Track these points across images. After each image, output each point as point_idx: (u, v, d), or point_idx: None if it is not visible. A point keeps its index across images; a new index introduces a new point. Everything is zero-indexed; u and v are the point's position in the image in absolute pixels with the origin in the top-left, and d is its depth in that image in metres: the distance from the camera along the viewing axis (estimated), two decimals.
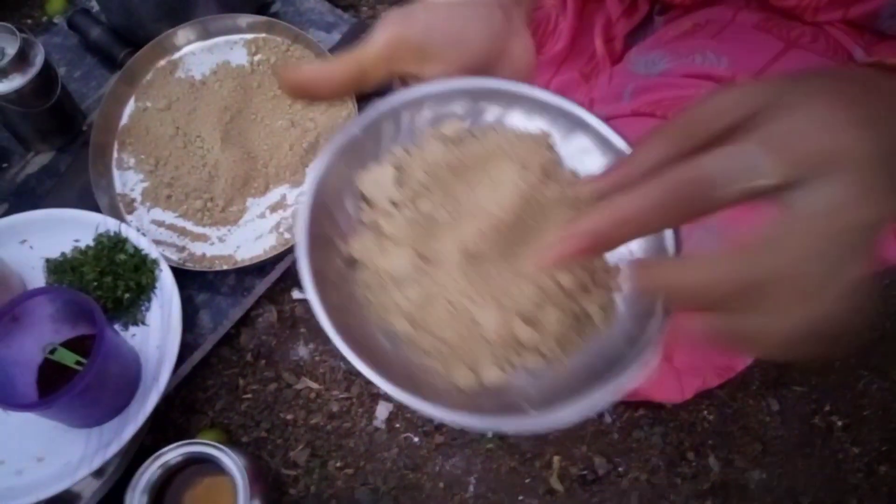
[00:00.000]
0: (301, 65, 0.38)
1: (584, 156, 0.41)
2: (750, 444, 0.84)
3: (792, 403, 0.86)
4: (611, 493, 0.81)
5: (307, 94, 0.39)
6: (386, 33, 0.38)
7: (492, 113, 0.42)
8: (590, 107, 0.57)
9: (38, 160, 0.95)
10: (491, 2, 0.41)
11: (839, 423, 0.85)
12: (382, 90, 0.42)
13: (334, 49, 0.98)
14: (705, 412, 0.85)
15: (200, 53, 0.96)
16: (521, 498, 0.80)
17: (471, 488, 0.80)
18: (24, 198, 0.92)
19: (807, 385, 0.87)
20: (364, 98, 0.92)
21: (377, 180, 0.41)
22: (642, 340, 0.36)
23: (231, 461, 0.68)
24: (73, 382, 0.64)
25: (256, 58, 0.95)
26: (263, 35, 0.96)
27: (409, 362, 0.39)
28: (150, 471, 0.68)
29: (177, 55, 0.96)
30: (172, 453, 0.68)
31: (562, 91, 0.68)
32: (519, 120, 0.42)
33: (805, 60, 0.52)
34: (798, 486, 0.82)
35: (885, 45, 0.53)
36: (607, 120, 0.40)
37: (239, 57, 0.95)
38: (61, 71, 0.98)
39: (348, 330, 0.36)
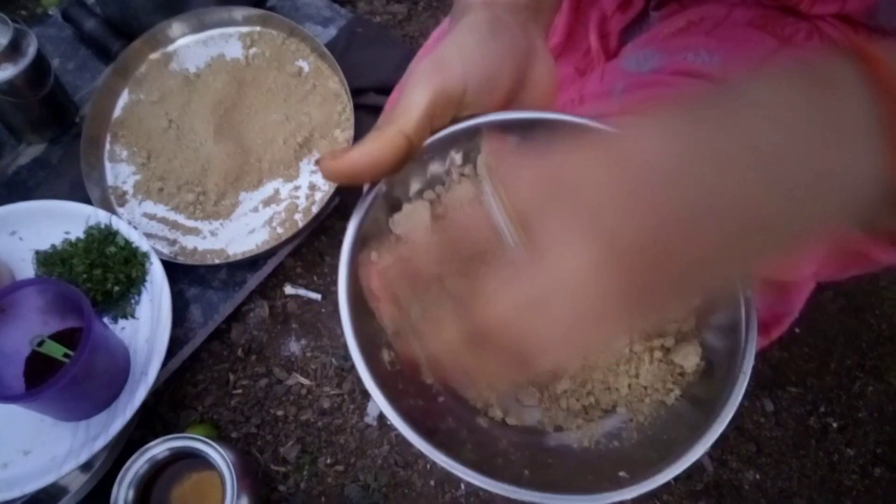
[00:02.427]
0: (344, 152, 0.35)
1: None
2: (744, 445, 0.83)
3: (787, 404, 0.86)
4: None
5: (357, 181, 0.36)
6: (426, 93, 0.35)
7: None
8: (580, 103, 0.55)
9: (31, 152, 0.94)
10: (512, 26, 0.40)
11: (834, 425, 0.85)
12: None
13: (331, 45, 0.97)
14: None
15: (195, 46, 0.96)
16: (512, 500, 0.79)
17: (462, 486, 0.79)
18: (16, 189, 0.91)
19: (802, 386, 0.87)
20: (357, 93, 0.91)
21: (412, 218, 0.40)
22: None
23: (219, 456, 0.68)
24: (59, 374, 0.63)
25: (251, 51, 0.94)
26: (259, 28, 0.96)
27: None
28: (137, 465, 0.67)
29: (171, 48, 0.95)
30: (159, 447, 0.67)
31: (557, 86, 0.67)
32: None
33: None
34: (792, 487, 0.81)
35: (881, 44, 0.52)
36: (598, 118, 0.39)
37: (234, 50, 0.95)
38: (55, 63, 0.98)
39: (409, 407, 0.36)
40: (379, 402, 0.34)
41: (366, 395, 0.83)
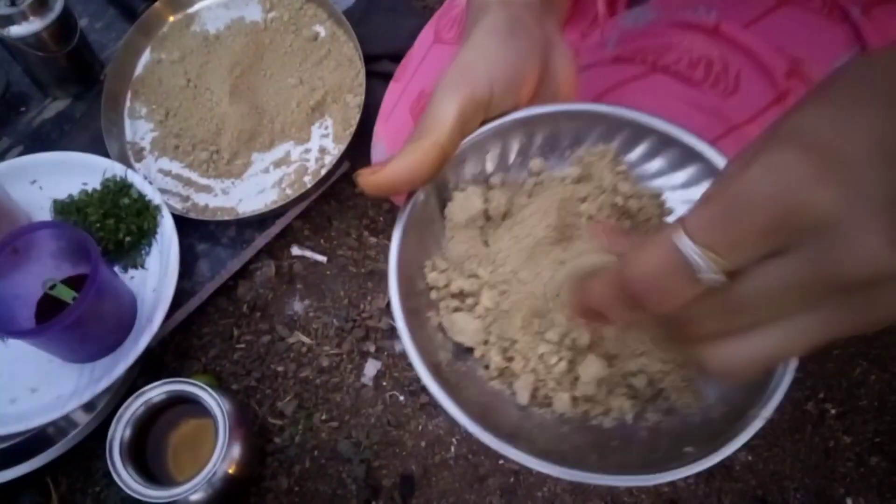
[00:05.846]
0: (382, 166, 0.36)
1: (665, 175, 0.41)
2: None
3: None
4: None
5: (395, 192, 0.37)
6: (455, 102, 0.36)
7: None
8: (576, 56, 0.56)
9: (55, 106, 0.97)
10: (529, 23, 0.40)
11: (832, 411, 0.84)
12: None
13: (350, 11, 0.98)
14: None
15: (216, 8, 0.98)
16: (501, 462, 0.80)
17: (452, 449, 0.81)
18: (39, 141, 0.94)
19: (801, 371, 0.86)
20: (371, 60, 0.92)
21: (465, 205, 0.41)
22: None
23: (214, 402, 0.70)
24: (64, 313, 0.66)
25: (270, 15, 0.96)
26: None
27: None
28: (135, 406, 0.69)
29: (193, 9, 0.97)
30: (157, 390, 0.70)
31: None
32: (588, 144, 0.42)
33: (797, 17, 0.51)
34: (784, 471, 0.81)
35: (885, 6, 0.51)
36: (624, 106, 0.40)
37: (253, 13, 0.96)
38: (83, 22, 1.00)
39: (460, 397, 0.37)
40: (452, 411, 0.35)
41: (363, 356, 0.85)
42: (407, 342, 0.36)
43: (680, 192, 0.41)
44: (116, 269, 0.82)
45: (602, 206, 0.40)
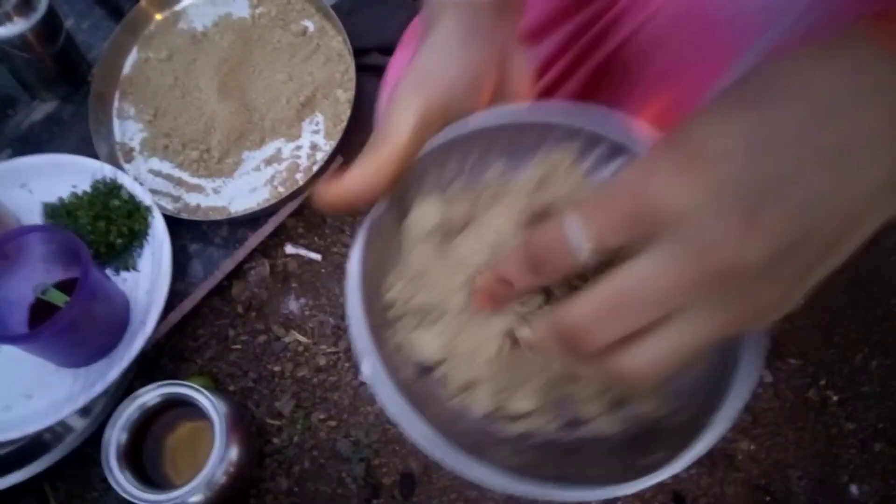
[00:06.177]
0: (336, 181, 0.35)
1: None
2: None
3: (786, 376, 0.84)
4: None
5: (355, 206, 0.36)
6: (413, 110, 0.35)
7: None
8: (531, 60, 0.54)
9: (44, 108, 0.96)
10: (484, 24, 0.39)
11: (834, 398, 0.83)
12: None
13: (338, 5, 0.97)
14: None
15: (203, 5, 0.96)
16: None
17: None
18: (28, 144, 0.93)
19: (803, 358, 0.85)
20: (361, 53, 0.91)
21: (425, 215, 0.39)
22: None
23: (210, 404, 0.69)
24: (55, 317, 0.65)
25: (258, 10, 0.95)
26: None
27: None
28: (130, 409, 0.69)
29: (179, 7, 0.96)
30: (151, 394, 0.69)
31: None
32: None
33: None
34: (787, 459, 0.80)
35: None
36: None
37: (240, 9, 0.95)
38: (69, 22, 0.99)
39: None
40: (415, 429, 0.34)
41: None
42: (375, 365, 0.35)
43: None
44: (108, 271, 0.81)
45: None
